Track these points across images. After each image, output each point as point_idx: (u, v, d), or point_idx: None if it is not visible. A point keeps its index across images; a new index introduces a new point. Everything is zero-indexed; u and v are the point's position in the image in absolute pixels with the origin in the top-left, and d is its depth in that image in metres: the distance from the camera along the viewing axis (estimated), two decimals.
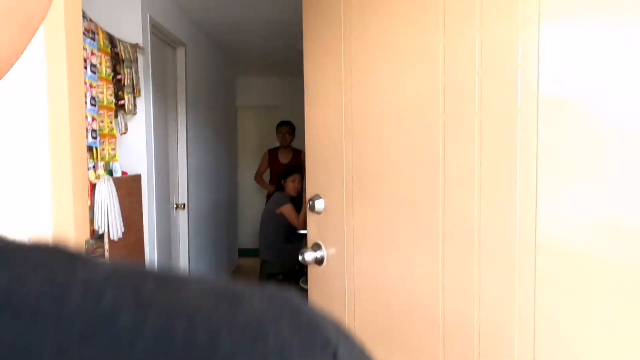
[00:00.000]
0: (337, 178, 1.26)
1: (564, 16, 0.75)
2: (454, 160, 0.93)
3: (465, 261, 0.93)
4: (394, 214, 1.09)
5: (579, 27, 0.73)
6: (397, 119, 1.05)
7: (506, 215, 0.85)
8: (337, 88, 1.22)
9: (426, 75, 0.96)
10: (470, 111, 0.88)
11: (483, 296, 0.91)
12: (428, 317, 1.01)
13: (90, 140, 1.86)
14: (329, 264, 1.32)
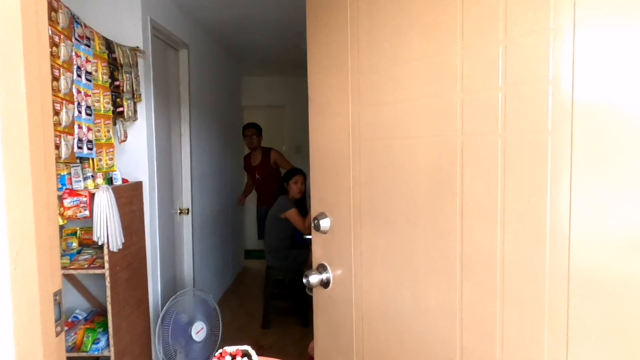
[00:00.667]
0: (344, 196, 1.17)
1: (606, 23, 0.65)
2: (473, 185, 0.84)
3: (486, 295, 0.84)
4: (406, 239, 1.00)
5: (626, 36, 0.63)
6: (410, 137, 0.95)
7: (534, 245, 0.76)
8: (344, 100, 1.12)
9: (442, 91, 0.87)
10: (492, 131, 0.79)
11: (507, 335, 0.81)
12: (444, 355, 0.92)
13: (85, 152, 1.78)
14: (335, 288, 1.23)
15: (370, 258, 1.11)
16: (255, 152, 4.33)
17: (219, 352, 0.64)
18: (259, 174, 4.34)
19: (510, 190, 0.78)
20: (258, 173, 4.34)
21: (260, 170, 4.33)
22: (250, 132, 4.25)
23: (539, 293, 0.76)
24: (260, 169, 4.33)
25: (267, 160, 4.32)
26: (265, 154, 4.31)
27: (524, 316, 0.78)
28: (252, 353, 0.66)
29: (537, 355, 0.76)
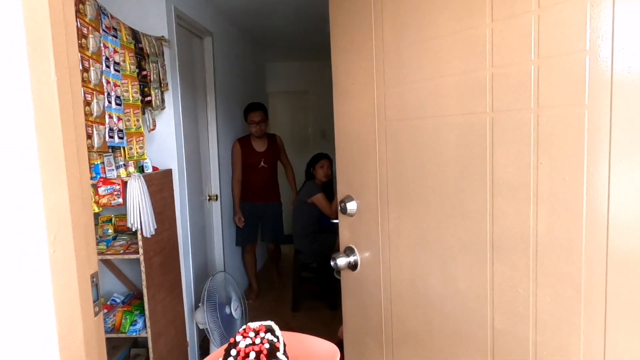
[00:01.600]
0: (371, 179, 1.16)
1: None
2: (504, 164, 0.81)
3: (518, 276, 0.82)
4: (435, 220, 0.98)
5: None
6: (438, 116, 0.93)
7: (569, 225, 0.73)
8: (369, 81, 1.10)
9: (471, 67, 0.84)
10: (524, 107, 0.76)
11: (540, 317, 0.79)
12: (474, 337, 0.90)
13: (116, 141, 1.83)
14: (363, 270, 1.23)
15: (397, 240, 1.10)
16: (261, 138, 3.64)
17: (243, 329, 0.65)
18: (267, 161, 3.66)
19: (544, 168, 0.75)
20: (265, 161, 3.65)
21: (267, 157, 3.66)
22: (258, 117, 3.51)
23: (575, 274, 0.73)
24: (267, 156, 3.65)
25: (275, 146, 3.75)
26: (271, 139, 3.72)
27: (558, 297, 0.76)
28: (275, 328, 0.65)
29: (572, 338, 0.74)
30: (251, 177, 3.63)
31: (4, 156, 0.53)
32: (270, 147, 3.67)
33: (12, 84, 0.52)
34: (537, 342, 0.80)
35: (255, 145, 3.62)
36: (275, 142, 3.74)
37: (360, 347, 1.29)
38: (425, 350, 1.04)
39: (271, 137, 3.73)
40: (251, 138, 3.63)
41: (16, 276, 0.55)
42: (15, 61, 0.52)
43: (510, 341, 0.84)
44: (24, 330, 0.56)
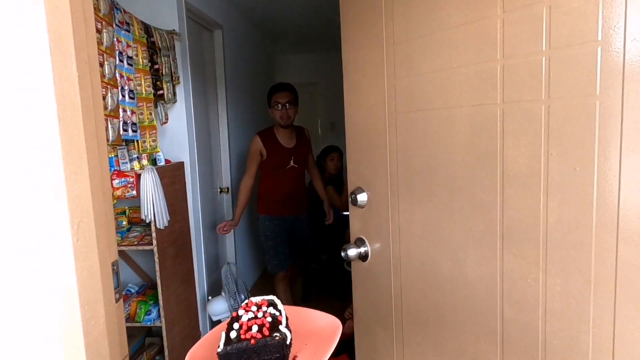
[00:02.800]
0: (381, 170, 1.17)
1: None
2: (514, 154, 0.82)
3: (528, 266, 0.83)
4: (445, 211, 0.99)
5: None
6: (448, 108, 0.93)
7: (580, 215, 0.74)
8: (379, 73, 1.11)
9: (482, 58, 0.84)
10: (535, 98, 0.76)
11: (550, 306, 0.80)
12: (484, 326, 0.92)
13: (130, 134, 1.86)
14: (373, 261, 1.25)
15: (408, 231, 1.11)
16: (287, 130, 2.73)
17: (245, 303, 0.66)
18: (297, 160, 2.76)
19: (555, 159, 0.76)
20: (296, 160, 2.75)
21: (298, 155, 2.77)
22: (285, 98, 2.64)
23: (585, 263, 0.74)
24: (297, 153, 2.77)
25: (305, 141, 2.86)
26: (299, 132, 2.84)
27: (568, 287, 0.77)
28: (277, 302, 0.66)
29: (582, 326, 0.75)
30: (280, 182, 2.70)
31: (30, 149, 0.56)
32: (300, 142, 2.78)
33: (36, 79, 0.54)
34: (547, 331, 0.81)
35: (281, 139, 2.70)
36: (304, 136, 2.84)
37: (371, 337, 1.31)
38: (435, 340, 1.05)
39: (299, 130, 2.82)
40: (275, 129, 2.71)
41: (41, 264, 0.58)
42: (38, 57, 0.54)
43: (519, 330, 0.85)
44: (49, 315, 0.59)
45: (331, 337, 0.62)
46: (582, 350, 0.75)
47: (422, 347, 1.10)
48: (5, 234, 0.57)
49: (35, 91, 0.54)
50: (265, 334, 0.59)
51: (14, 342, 0.58)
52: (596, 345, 0.73)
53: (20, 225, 0.57)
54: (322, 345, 0.61)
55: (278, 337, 0.59)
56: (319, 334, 0.64)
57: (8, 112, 0.55)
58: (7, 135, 0.56)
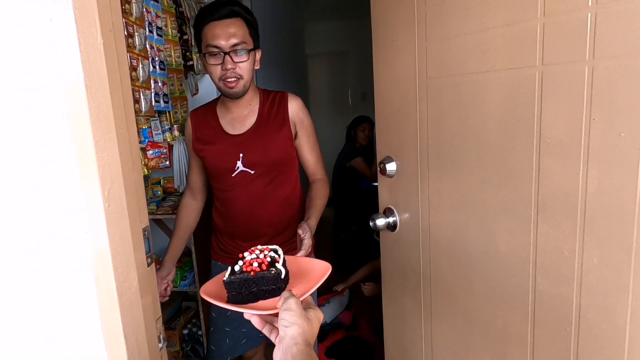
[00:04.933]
0: (411, 138, 1.14)
1: None
2: (553, 120, 0.77)
3: (564, 237, 0.80)
4: (476, 180, 0.96)
5: None
6: (481, 72, 0.89)
7: (622, 184, 0.69)
8: (410, 36, 1.06)
9: (519, 17, 0.78)
10: (579, 59, 0.71)
11: (586, 279, 0.77)
12: (515, 298, 0.90)
13: (162, 105, 1.89)
14: (402, 231, 1.24)
15: (437, 201, 1.08)
16: (239, 101, 1.35)
17: (251, 249, 0.77)
18: (252, 161, 1.36)
19: (597, 124, 0.71)
20: (248, 159, 1.35)
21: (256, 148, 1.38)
22: (225, 35, 1.21)
23: (626, 235, 0.70)
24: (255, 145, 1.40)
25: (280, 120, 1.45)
26: (273, 104, 1.44)
27: (607, 259, 0.73)
28: (278, 249, 0.78)
29: (620, 299, 0.72)
30: (227, 202, 1.42)
31: (59, 117, 0.57)
32: (266, 123, 1.37)
33: (62, 48, 0.55)
34: (582, 304, 0.78)
35: (225, 121, 1.39)
36: (280, 111, 1.39)
37: (399, 306, 1.31)
38: (464, 311, 1.04)
39: (271, 100, 1.41)
40: (219, 103, 1.43)
41: (75, 229, 0.60)
42: (64, 25, 0.55)
43: (552, 303, 0.83)
44: (86, 278, 0.62)
45: (321, 276, 0.75)
46: (619, 325, 0.72)
47: (451, 317, 1.09)
48: (43, 199, 0.59)
49: (62, 60, 0.55)
50: (263, 268, 0.72)
51: (54, 302, 0.62)
52: (635, 319, 0.70)
53: (55, 192, 0.59)
54: (312, 282, 0.74)
55: (274, 271, 0.71)
56: (312, 274, 0.77)
57: (37, 82, 0.57)
58: (37, 104, 0.57)
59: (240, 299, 0.71)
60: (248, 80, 1.30)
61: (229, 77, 1.24)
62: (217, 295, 0.71)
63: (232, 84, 1.25)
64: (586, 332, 0.78)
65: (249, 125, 1.36)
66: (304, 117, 1.40)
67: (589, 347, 0.77)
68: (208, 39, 1.24)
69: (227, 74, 1.24)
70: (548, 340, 0.84)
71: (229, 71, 1.24)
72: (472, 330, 1.03)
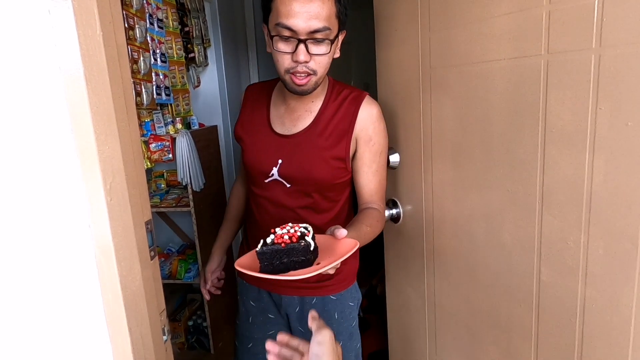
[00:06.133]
0: (414, 129, 1.13)
1: None
2: (559, 109, 0.76)
3: (568, 228, 0.79)
4: (481, 172, 0.95)
5: None
6: (486, 62, 0.87)
7: (628, 174, 0.69)
8: (413, 26, 1.05)
9: (525, 3, 0.77)
10: (585, 47, 0.69)
11: (591, 270, 0.77)
12: (519, 289, 0.89)
13: (164, 98, 1.88)
14: (405, 222, 1.23)
15: (441, 192, 1.08)
16: (302, 98, 1.08)
17: (283, 225, 0.80)
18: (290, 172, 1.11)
19: (604, 113, 0.70)
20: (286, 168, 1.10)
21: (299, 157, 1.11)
22: (307, 15, 0.86)
23: (632, 225, 0.69)
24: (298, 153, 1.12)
25: (345, 127, 1.10)
26: (340, 106, 1.11)
27: (612, 250, 0.73)
28: (308, 226, 0.80)
29: (625, 291, 0.71)
30: (259, 214, 1.18)
31: (59, 110, 0.57)
32: (318, 130, 1.06)
33: (61, 40, 0.54)
34: (586, 295, 0.78)
35: (276, 115, 1.12)
36: (348, 116, 1.05)
37: (402, 297, 1.31)
38: (467, 302, 1.04)
39: (343, 98, 1.08)
40: (276, 91, 1.16)
41: (77, 224, 0.60)
42: (62, 17, 0.54)
43: (556, 293, 0.82)
44: (88, 270, 0.62)
45: (347, 251, 0.78)
46: (624, 315, 0.72)
47: (454, 308, 1.09)
48: (45, 193, 0.59)
49: (61, 51, 0.54)
50: (294, 241, 0.76)
51: (58, 296, 0.62)
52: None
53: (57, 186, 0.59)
54: (338, 255, 0.77)
55: (304, 243, 0.75)
56: (339, 249, 0.80)
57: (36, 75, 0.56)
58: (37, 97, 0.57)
59: (272, 269, 0.75)
60: (322, 76, 0.98)
61: (299, 72, 0.94)
62: (250, 269, 0.76)
63: (301, 81, 0.94)
64: (591, 323, 0.77)
65: (301, 128, 1.06)
66: (373, 134, 1.05)
67: (594, 338, 0.77)
68: (280, 14, 0.90)
69: (297, 67, 0.93)
70: (552, 331, 0.84)
71: (301, 65, 0.92)
72: (476, 320, 1.03)
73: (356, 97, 1.07)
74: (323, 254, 0.80)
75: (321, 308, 1.15)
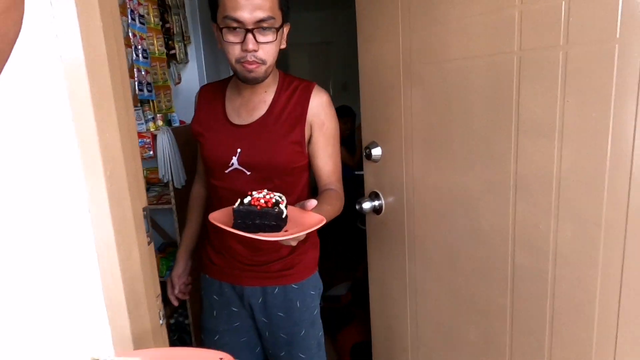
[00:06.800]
0: (396, 124, 1.18)
1: None
2: (530, 102, 0.82)
3: (540, 214, 0.85)
4: (460, 163, 1.01)
5: None
6: (464, 58, 0.93)
7: (594, 162, 0.75)
8: (394, 24, 1.10)
9: (499, 5, 0.83)
10: (554, 45, 0.75)
11: (560, 252, 0.83)
12: (496, 272, 0.95)
13: (146, 94, 1.88)
14: (387, 214, 1.28)
15: (422, 184, 1.13)
16: (254, 87, 1.16)
17: (259, 190, 0.86)
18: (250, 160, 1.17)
19: (571, 106, 0.76)
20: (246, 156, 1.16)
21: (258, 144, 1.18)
22: (251, 6, 0.97)
23: (596, 210, 0.75)
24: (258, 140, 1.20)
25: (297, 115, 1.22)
26: (292, 94, 1.23)
27: (579, 233, 0.79)
28: (284, 198, 0.87)
29: (591, 271, 0.78)
30: (220, 204, 1.16)
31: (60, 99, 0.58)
32: (273, 117, 1.13)
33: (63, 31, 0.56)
34: (557, 275, 0.84)
35: (232, 107, 1.18)
36: (300, 104, 1.13)
37: (385, 287, 1.36)
38: (448, 287, 1.10)
39: (290, 90, 1.15)
40: (230, 85, 1.22)
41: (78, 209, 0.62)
42: (64, 8, 0.56)
43: (530, 275, 0.88)
44: (88, 255, 0.63)
45: (314, 224, 0.84)
46: (590, 293, 0.78)
47: (435, 295, 1.15)
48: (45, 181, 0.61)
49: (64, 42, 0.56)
50: (269, 205, 0.81)
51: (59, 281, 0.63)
52: (604, 288, 0.76)
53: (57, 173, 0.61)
54: (306, 227, 0.83)
55: (277, 210, 0.81)
56: (307, 222, 0.86)
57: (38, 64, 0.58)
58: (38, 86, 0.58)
59: (244, 228, 0.81)
60: (271, 65, 1.06)
61: (249, 61, 1.01)
62: (223, 224, 0.82)
63: (251, 67, 1.01)
64: (561, 301, 0.83)
65: (257, 117, 1.12)
66: (325, 119, 1.15)
67: (563, 315, 0.83)
68: (227, 8, 0.97)
69: (247, 56, 1.00)
70: (526, 310, 0.90)
71: (250, 54, 1.00)
72: (456, 305, 1.08)
73: (306, 87, 1.15)
74: (291, 224, 0.85)
75: (283, 297, 1.18)
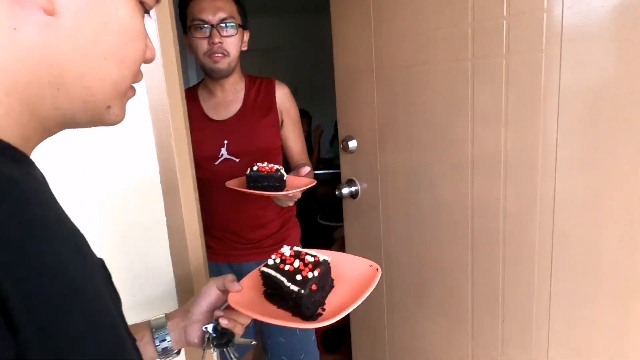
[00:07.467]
0: (369, 119, 1.38)
1: None
2: (482, 99, 1.05)
3: (492, 184, 1.08)
4: (425, 150, 1.22)
5: None
6: (428, 63, 1.15)
7: (530, 143, 0.99)
8: (367, 33, 1.30)
9: (456, 20, 1.05)
10: (498, 53, 0.99)
11: (507, 210, 1.06)
12: (458, 235, 1.18)
13: None
14: (363, 198, 1.48)
15: (393, 170, 1.34)
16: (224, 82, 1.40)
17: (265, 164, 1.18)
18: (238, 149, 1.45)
19: (512, 101, 1.00)
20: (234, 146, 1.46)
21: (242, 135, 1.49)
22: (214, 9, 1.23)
23: (533, 177, 1.00)
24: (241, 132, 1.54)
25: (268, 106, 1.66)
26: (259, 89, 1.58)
27: (521, 196, 1.03)
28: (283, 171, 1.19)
29: (531, 224, 1.02)
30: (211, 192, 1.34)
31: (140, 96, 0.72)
32: (253, 110, 1.38)
33: None
34: (506, 232, 1.07)
35: (207, 105, 1.38)
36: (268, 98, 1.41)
37: None
38: (418, 254, 1.31)
39: (257, 86, 1.43)
40: (202, 86, 1.41)
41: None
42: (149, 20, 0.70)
43: (485, 234, 1.12)
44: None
45: (307, 184, 1.19)
46: (531, 241, 1.02)
47: (407, 261, 1.36)
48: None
49: None
50: (272, 171, 1.13)
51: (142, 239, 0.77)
52: (541, 237, 1.00)
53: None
54: (300, 187, 1.18)
55: (279, 174, 1.14)
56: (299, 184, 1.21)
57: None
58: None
59: (255, 188, 1.13)
60: (234, 59, 1.26)
61: (215, 52, 1.20)
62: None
63: (217, 57, 1.21)
64: (510, 251, 1.07)
65: (234, 111, 1.34)
66: (290, 107, 1.43)
67: (512, 262, 1.07)
68: (194, 13, 1.20)
69: (213, 48, 1.20)
70: (484, 263, 1.13)
71: (216, 46, 1.19)
72: (424, 268, 1.30)
73: (269, 82, 1.43)
74: (288, 188, 1.17)
75: None
